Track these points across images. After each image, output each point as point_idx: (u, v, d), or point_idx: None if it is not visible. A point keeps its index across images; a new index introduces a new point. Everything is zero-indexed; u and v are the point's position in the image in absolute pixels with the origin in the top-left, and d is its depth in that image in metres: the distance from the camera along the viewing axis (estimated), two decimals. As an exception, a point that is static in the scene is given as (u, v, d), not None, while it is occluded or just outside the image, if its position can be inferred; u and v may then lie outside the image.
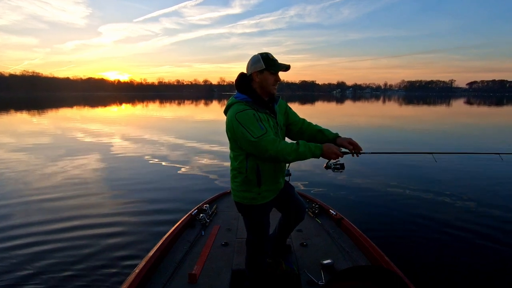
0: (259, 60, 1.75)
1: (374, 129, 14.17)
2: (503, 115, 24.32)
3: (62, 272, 2.82)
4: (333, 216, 2.95)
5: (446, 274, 2.82)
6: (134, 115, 24.09)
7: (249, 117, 1.65)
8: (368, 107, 37.23)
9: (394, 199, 4.68)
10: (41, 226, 3.75)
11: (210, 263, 2.29)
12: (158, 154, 8.06)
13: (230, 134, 1.75)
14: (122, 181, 5.66)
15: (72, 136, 11.35)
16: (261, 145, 1.62)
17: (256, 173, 1.77)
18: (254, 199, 1.83)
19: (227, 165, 6.75)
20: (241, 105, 1.72)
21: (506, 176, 5.97)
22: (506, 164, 6.75)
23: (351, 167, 6.63)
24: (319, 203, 3.24)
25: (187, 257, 2.37)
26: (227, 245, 2.56)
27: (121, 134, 11.97)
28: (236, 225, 2.95)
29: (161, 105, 39.17)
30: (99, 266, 2.92)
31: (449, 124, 16.34)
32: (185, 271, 2.16)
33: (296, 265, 2.25)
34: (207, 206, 3.15)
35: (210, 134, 12.02)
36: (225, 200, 3.58)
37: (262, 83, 1.77)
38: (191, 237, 2.66)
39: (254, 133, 1.62)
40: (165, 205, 4.45)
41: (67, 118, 19.92)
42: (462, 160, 7.26)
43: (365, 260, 2.30)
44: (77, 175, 6.03)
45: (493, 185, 5.39)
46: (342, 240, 2.59)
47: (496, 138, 11.32)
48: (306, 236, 2.71)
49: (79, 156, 7.76)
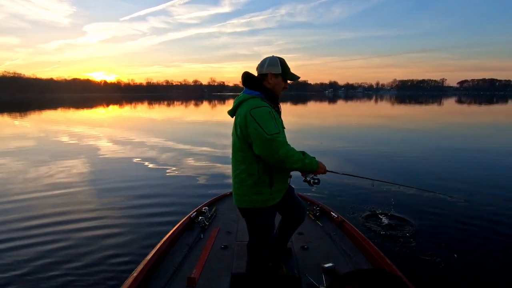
0: (278, 64, 1.81)
1: (373, 129, 14.35)
2: (494, 114, 24.94)
3: (59, 277, 2.81)
4: (335, 218, 2.97)
5: (448, 277, 2.82)
6: (123, 117, 23.75)
7: (265, 113, 1.64)
8: (361, 107, 37.63)
9: (396, 200, 4.63)
10: (37, 229, 3.75)
11: (210, 267, 2.29)
12: (155, 157, 8.02)
13: (240, 132, 1.72)
14: (119, 184, 5.62)
15: (59, 140, 11.15)
16: (274, 145, 1.60)
17: (269, 173, 1.77)
18: (266, 201, 1.81)
19: (226, 167, 6.67)
20: (257, 101, 1.72)
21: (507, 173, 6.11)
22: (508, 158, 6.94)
23: (351, 168, 6.73)
24: (320, 205, 3.25)
25: (186, 260, 2.37)
26: (226, 248, 2.56)
27: (114, 137, 11.80)
28: (236, 227, 2.95)
29: (150, 107, 38.74)
30: (96, 270, 2.91)
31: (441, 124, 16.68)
32: (184, 275, 2.16)
33: (297, 269, 2.25)
34: (206, 209, 3.14)
35: (206, 136, 11.97)
36: (224, 202, 3.58)
37: (275, 86, 1.84)
38: (190, 240, 2.66)
39: (268, 130, 1.60)
40: (163, 207, 4.44)
41: (52, 120, 19.53)
42: (464, 157, 7.39)
43: (367, 263, 2.31)
44: (70, 178, 5.98)
45: (494, 186, 5.45)
46: (344, 243, 2.60)
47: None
48: (307, 239, 2.71)
49: (69, 160, 7.66)
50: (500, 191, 5.12)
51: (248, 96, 1.76)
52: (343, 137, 11.87)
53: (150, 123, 17.79)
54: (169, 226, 2.90)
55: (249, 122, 1.65)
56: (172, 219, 3.70)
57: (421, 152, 8.43)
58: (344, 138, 11.52)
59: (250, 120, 1.64)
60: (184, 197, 4.87)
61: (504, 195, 4.94)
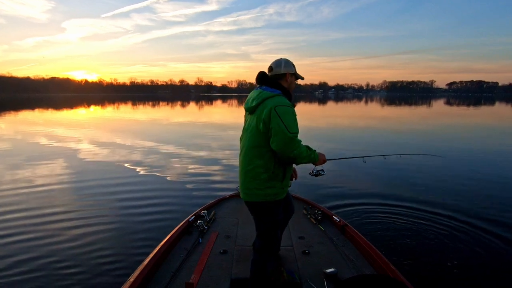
0: (291, 64, 2.04)
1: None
2: (483, 115, 25.79)
3: (55, 282, 2.80)
4: (337, 222, 2.97)
5: (454, 283, 2.84)
6: (108, 118, 23.30)
7: (290, 112, 1.82)
8: (355, 108, 38.19)
9: (400, 204, 4.67)
10: (34, 232, 3.75)
11: (208, 272, 2.29)
12: (150, 160, 7.92)
13: (263, 126, 1.84)
14: (114, 188, 5.52)
15: (43, 143, 10.86)
16: (292, 143, 1.79)
17: (283, 168, 1.93)
18: (277, 195, 1.96)
19: (224, 169, 6.71)
20: (283, 98, 1.89)
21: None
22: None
23: (353, 171, 6.82)
24: (322, 209, 3.26)
25: (184, 265, 2.36)
26: (225, 253, 2.56)
27: (104, 140, 11.46)
28: (235, 232, 2.94)
29: (134, 107, 38.18)
30: (92, 276, 2.89)
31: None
32: (182, 280, 2.15)
33: (298, 274, 2.25)
34: (205, 212, 3.13)
35: (201, 139, 11.76)
36: (223, 206, 3.56)
37: (291, 85, 2.04)
38: (188, 244, 2.65)
39: (291, 129, 1.78)
40: (160, 211, 4.41)
41: (30, 122, 18.98)
42: (472, 163, 7.48)
43: (370, 268, 2.32)
44: (62, 182, 5.90)
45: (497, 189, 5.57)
46: (346, 248, 2.60)
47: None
48: (309, 243, 2.72)
49: (51, 162, 7.50)
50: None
51: (272, 94, 1.90)
52: (341, 139, 12.00)
53: (140, 125, 17.49)
54: (166, 231, 2.88)
55: (273, 117, 1.79)
56: (169, 224, 3.68)
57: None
58: (343, 140, 11.66)
59: (274, 115, 1.79)
60: (182, 201, 4.85)
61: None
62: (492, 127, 16.09)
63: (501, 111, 31.29)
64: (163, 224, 3.90)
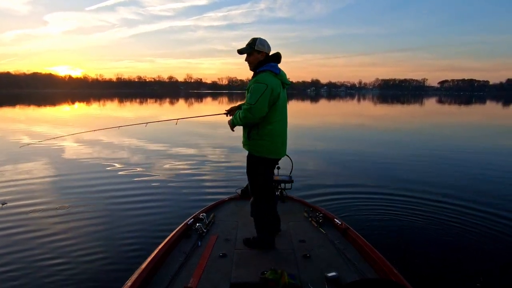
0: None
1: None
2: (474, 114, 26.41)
3: (52, 286, 2.80)
4: (338, 225, 2.97)
5: (458, 285, 2.86)
6: (98, 115, 22.83)
7: None
8: (352, 106, 38.49)
9: (403, 207, 4.68)
10: (30, 234, 3.74)
11: (207, 276, 2.29)
12: (147, 161, 7.79)
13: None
14: (111, 190, 5.45)
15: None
16: None
17: None
18: None
19: (223, 171, 6.74)
20: None
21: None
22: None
23: (353, 171, 6.91)
24: (323, 212, 3.26)
25: (182, 269, 2.35)
26: (225, 257, 2.55)
27: (97, 140, 10.91)
28: (235, 235, 2.94)
29: (121, 104, 37.63)
30: (89, 279, 2.89)
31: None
32: (181, 284, 2.15)
33: (298, 278, 2.25)
34: (204, 215, 3.12)
35: (199, 138, 11.52)
36: (223, 208, 3.54)
37: None
38: (187, 248, 2.64)
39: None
40: (158, 214, 4.39)
41: (15, 119, 18.49)
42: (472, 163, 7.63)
43: (372, 272, 2.32)
44: (58, 185, 5.81)
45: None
46: (348, 251, 2.60)
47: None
48: (310, 247, 2.71)
49: (49, 163, 7.41)
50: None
51: None
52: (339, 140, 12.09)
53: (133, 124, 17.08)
54: (165, 234, 2.87)
55: None
56: (168, 226, 3.65)
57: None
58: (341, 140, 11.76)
59: None
60: (180, 203, 4.83)
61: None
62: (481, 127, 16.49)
63: (491, 112, 31.68)
64: (162, 227, 3.89)
